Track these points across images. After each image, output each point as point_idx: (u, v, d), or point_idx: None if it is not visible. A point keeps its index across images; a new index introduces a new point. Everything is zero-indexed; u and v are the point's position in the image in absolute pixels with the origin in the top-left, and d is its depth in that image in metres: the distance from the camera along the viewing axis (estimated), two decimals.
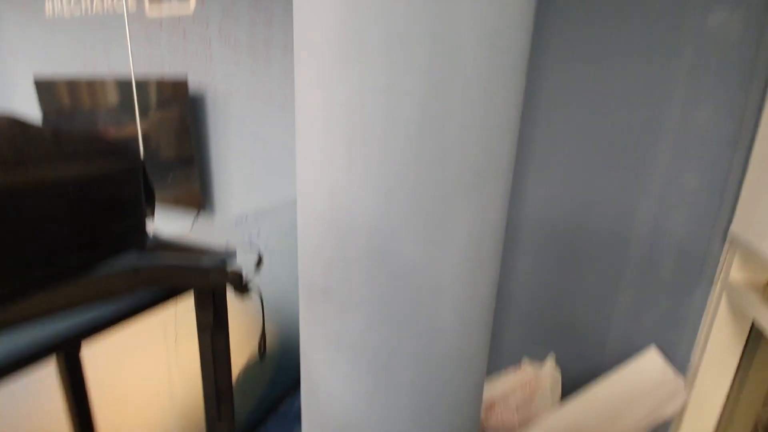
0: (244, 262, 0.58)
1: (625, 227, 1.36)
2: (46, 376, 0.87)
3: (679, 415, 1.38)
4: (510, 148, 0.95)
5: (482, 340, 1.12)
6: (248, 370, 1.60)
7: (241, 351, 1.54)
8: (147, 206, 0.67)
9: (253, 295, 0.58)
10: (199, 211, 1.86)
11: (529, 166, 1.46)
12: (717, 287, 1.26)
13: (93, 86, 2.14)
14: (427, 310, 0.94)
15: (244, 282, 0.55)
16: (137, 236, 0.55)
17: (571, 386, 1.49)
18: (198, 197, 1.79)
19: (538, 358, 1.61)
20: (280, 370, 1.81)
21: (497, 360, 1.66)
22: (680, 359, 1.38)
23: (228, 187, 1.82)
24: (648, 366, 1.38)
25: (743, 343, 1.25)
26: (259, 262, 0.57)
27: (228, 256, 0.57)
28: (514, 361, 1.64)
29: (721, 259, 1.26)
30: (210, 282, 0.50)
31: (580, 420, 1.47)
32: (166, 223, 2.26)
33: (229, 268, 0.53)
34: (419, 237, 0.90)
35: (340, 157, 0.88)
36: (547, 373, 1.56)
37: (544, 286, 1.53)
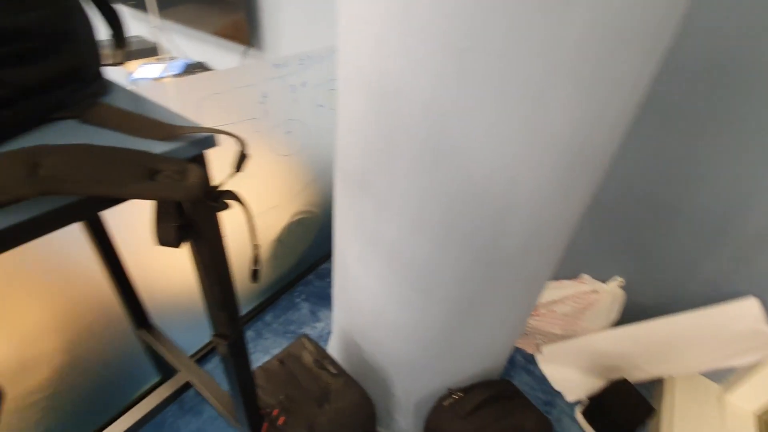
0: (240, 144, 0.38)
1: None
2: None
3: (753, 368, 1.20)
4: None
5: (547, 269, 0.90)
6: (292, 227, 1.57)
7: (285, 207, 1.48)
8: (113, 43, 0.46)
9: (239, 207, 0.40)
10: (247, 48, 1.62)
11: None
12: None
13: None
14: (488, 227, 0.73)
15: (216, 190, 0.36)
16: (74, 93, 0.37)
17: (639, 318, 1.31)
18: (244, 30, 1.53)
19: (602, 278, 1.41)
20: (328, 228, 1.77)
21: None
22: None
23: (279, 23, 1.52)
24: (743, 312, 1.17)
25: None
26: (241, 160, 0.37)
27: (202, 144, 0.38)
28: (573, 273, 1.46)
29: None
30: (159, 192, 0.32)
31: (629, 346, 1.34)
32: (214, 55, 2.06)
33: (195, 169, 0.33)
34: (495, 121, 0.62)
35: None
36: (608, 291, 1.39)
37: (639, 193, 1.21)
